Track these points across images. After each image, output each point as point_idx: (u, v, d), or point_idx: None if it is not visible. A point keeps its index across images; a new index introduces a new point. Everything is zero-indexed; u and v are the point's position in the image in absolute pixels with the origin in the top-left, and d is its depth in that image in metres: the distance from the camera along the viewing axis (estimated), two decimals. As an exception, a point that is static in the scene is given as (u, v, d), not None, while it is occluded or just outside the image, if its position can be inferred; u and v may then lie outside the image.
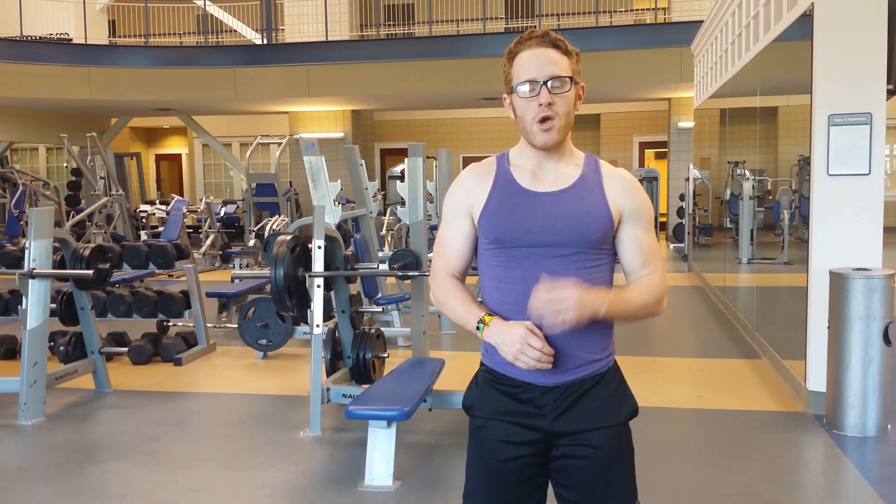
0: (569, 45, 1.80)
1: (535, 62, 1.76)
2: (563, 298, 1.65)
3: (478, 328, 1.76)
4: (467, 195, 1.85)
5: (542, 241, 1.77)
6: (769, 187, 9.83)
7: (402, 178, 6.78)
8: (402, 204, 7.11)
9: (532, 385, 1.79)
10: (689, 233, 12.21)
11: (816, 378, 4.58)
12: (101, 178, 12.90)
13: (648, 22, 15.95)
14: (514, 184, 1.82)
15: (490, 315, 1.77)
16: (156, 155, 21.65)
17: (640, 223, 1.86)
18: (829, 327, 4.39)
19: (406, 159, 5.58)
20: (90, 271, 5.10)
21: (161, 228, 12.90)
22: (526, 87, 1.76)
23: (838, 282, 4.29)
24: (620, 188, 1.85)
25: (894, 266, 4.43)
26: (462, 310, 1.81)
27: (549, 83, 1.74)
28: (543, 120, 1.75)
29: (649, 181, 16.10)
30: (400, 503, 3.50)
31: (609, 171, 1.88)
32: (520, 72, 1.77)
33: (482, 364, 1.90)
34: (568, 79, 1.77)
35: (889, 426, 4.29)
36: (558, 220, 1.78)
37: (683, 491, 3.60)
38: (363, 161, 7.98)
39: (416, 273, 4.84)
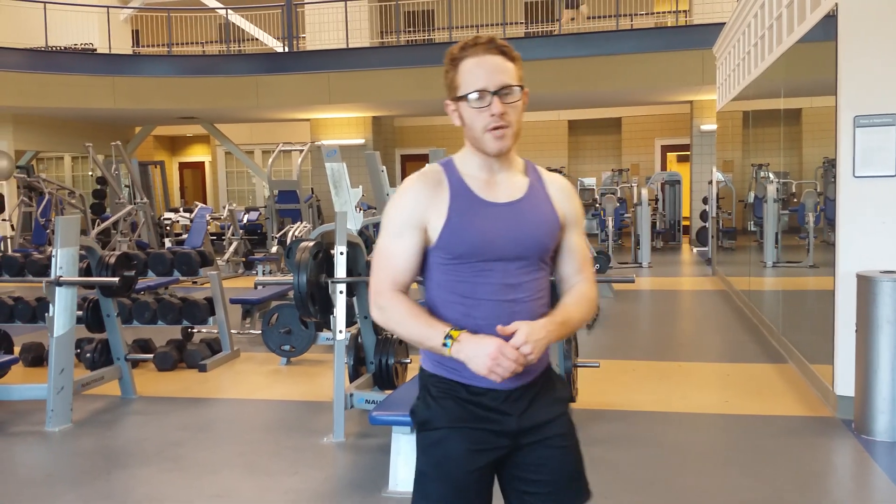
0: (513, 50, 1.78)
1: (483, 70, 1.73)
2: (521, 350, 1.67)
3: (445, 344, 1.69)
4: (419, 207, 1.76)
5: (506, 253, 1.76)
6: (793, 190, 9.72)
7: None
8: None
9: (496, 390, 1.78)
10: (712, 236, 12.11)
11: (844, 382, 4.51)
12: (125, 186, 13.04)
13: (669, 25, 15.85)
14: (472, 195, 1.78)
15: (456, 330, 1.71)
16: (179, 163, 21.88)
17: (576, 228, 1.90)
18: (856, 331, 4.33)
19: (427, 165, 5.59)
20: (116, 279, 5.15)
21: (185, 236, 13.01)
22: (476, 97, 1.73)
23: (866, 284, 4.23)
24: (562, 195, 1.88)
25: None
26: (422, 326, 1.73)
27: (500, 92, 1.73)
28: (496, 128, 1.74)
29: (672, 185, 16.02)
30: (424, 509, 3.49)
31: (549, 177, 1.90)
32: (469, 80, 1.74)
33: (432, 376, 1.84)
34: (518, 87, 1.76)
35: (920, 431, 4.22)
36: (520, 231, 1.78)
37: (710, 497, 3.56)
38: (384, 167, 8.01)
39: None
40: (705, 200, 13.63)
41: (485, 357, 1.66)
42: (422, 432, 1.84)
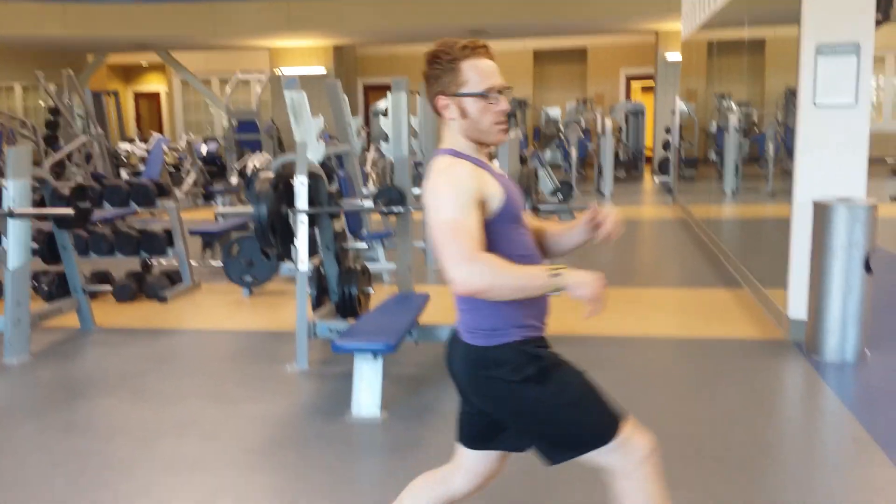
0: None
1: (492, 71, 1.94)
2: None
3: (556, 274, 1.80)
4: (477, 186, 1.88)
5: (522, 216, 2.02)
6: (755, 120, 9.76)
7: (386, 113, 6.67)
8: (386, 139, 7.03)
9: (543, 337, 2.02)
10: (674, 166, 12.19)
11: (797, 306, 4.64)
12: (79, 116, 12.66)
13: (635, -49, 15.57)
14: (494, 169, 2.00)
15: (555, 267, 1.83)
16: (134, 93, 21.25)
17: None
18: (811, 256, 4.42)
19: (389, 94, 5.49)
20: (71, 210, 5.04)
21: (142, 167, 12.74)
22: (491, 94, 1.92)
23: (822, 211, 4.30)
24: None
25: (877, 196, 4.45)
26: (526, 270, 1.84)
27: (504, 92, 1.96)
28: (500, 122, 1.96)
29: (635, 115, 16.00)
30: (387, 431, 3.55)
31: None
32: (477, 79, 1.92)
33: (505, 345, 1.93)
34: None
35: (867, 352, 4.37)
36: (519, 194, 2.04)
37: (666, 416, 3.66)
38: (346, 97, 7.86)
39: (401, 209, 4.81)
40: (668, 130, 13.66)
41: (593, 281, 1.80)
42: (543, 372, 1.93)
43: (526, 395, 1.92)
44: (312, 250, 4.73)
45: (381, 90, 17.96)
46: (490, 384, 1.95)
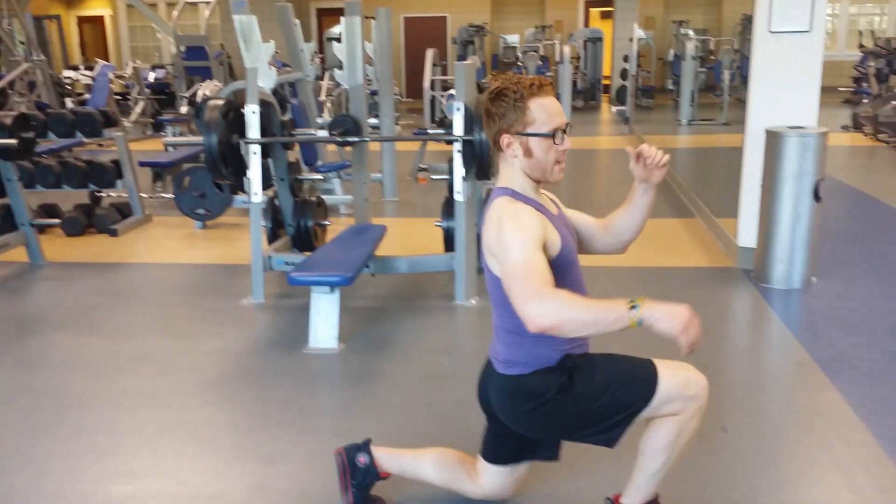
0: None
1: (558, 111, 1.96)
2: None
3: (634, 307, 1.77)
4: (541, 229, 1.90)
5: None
6: (712, 47, 9.73)
7: (340, 39, 6.46)
8: (341, 67, 6.87)
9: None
10: (631, 95, 12.18)
11: (747, 234, 4.73)
12: (20, 42, 12.12)
13: None
14: (551, 211, 2.04)
15: (633, 300, 1.80)
16: (77, 17, 20.35)
17: None
18: (762, 185, 4.49)
19: (343, 19, 5.34)
20: (14, 140, 4.87)
21: (87, 96, 12.30)
22: (559, 135, 1.94)
23: (773, 140, 4.35)
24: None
25: (829, 125, 4.51)
26: (601, 304, 1.80)
27: (567, 131, 1.97)
28: (560, 162, 1.98)
29: (593, 41, 15.87)
30: (344, 363, 3.58)
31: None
32: (546, 118, 1.93)
33: (544, 370, 1.99)
34: None
35: (814, 279, 4.50)
36: (573, 235, 2.11)
37: (613, 342, 3.74)
38: (298, 21, 7.63)
39: (357, 139, 4.74)
40: (626, 59, 13.59)
41: (683, 314, 1.76)
42: (570, 375, 1.98)
43: (566, 404, 1.97)
44: (266, 182, 4.65)
45: (336, 15, 17.50)
46: (531, 415, 2.00)
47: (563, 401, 1.96)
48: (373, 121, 8.81)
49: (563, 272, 1.94)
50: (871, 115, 9.87)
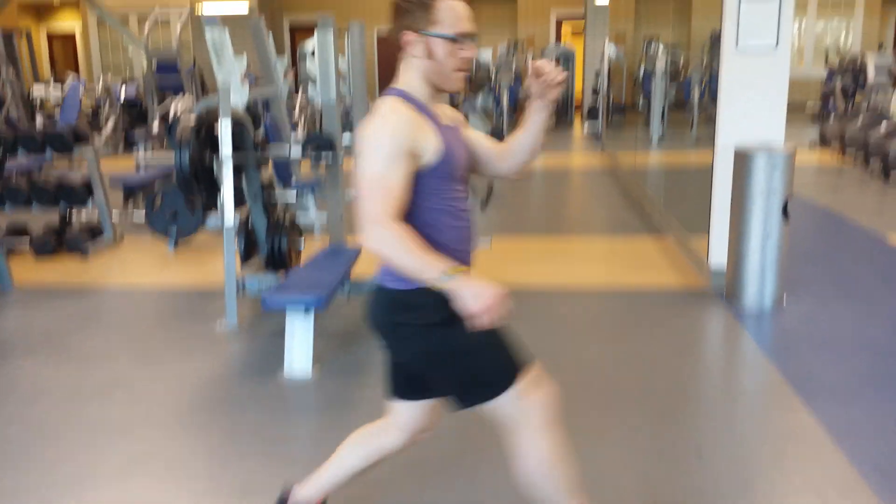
0: None
1: (466, 16, 1.89)
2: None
3: (448, 276, 1.73)
4: (411, 134, 1.80)
5: (465, 172, 1.98)
6: (682, 64, 9.83)
7: (314, 54, 6.45)
8: (315, 83, 6.84)
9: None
10: (603, 113, 12.28)
11: (718, 254, 4.78)
12: (-13, 57, 11.93)
13: None
14: (440, 121, 1.93)
15: (455, 269, 1.76)
16: (47, 32, 20.14)
17: None
18: (731, 203, 4.54)
19: (316, 33, 5.33)
20: (-20, 162, 4.79)
21: (58, 112, 12.14)
22: (463, 39, 1.87)
23: (742, 158, 4.41)
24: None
25: (798, 142, 4.58)
26: (420, 257, 1.75)
27: (474, 39, 1.91)
28: (462, 70, 1.90)
29: (565, 59, 16.00)
30: (319, 389, 3.55)
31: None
32: (452, 21, 1.86)
33: (415, 290, 1.86)
34: None
35: (785, 298, 4.55)
36: (466, 151, 2.01)
37: (588, 365, 3.76)
38: (270, 31, 7.60)
39: (331, 156, 4.72)
40: (598, 75, 13.72)
41: (487, 297, 1.72)
42: (452, 317, 1.84)
43: (433, 338, 1.90)
44: (239, 201, 4.62)
45: (309, 31, 17.47)
46: (399, 330, 1.92)
47: (431, 334, 1.89)
48: (347, 137, 8.77)
49: (440, 186, 1.87)
50: (838, 132, 10.04)
